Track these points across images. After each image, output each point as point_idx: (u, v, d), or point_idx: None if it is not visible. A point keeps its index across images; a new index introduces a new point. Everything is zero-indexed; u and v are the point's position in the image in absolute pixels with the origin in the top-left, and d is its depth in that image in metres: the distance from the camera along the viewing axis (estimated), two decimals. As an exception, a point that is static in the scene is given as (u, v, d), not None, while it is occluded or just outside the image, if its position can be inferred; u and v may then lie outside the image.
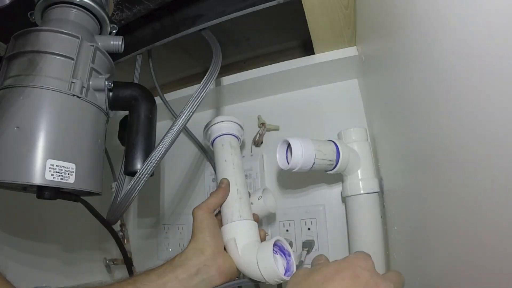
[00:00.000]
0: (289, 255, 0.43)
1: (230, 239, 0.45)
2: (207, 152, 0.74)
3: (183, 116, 0.45)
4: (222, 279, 0.41)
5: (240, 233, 0.45)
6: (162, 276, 0.38)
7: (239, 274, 0.45)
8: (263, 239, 0.48)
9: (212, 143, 0.58)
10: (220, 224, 0.48)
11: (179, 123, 0.44)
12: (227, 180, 0.50)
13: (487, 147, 0.18)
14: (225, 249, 0.45)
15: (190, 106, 0.45)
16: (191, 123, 0.72)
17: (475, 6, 0.17)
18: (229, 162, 0.52)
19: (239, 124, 0.58)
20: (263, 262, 0.41)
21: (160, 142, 0.44)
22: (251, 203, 0.52)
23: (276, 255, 0.44)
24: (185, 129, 0.74)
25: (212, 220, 0.45)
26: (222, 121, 0.57)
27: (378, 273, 0.29)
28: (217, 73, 0.49)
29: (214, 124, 0.57)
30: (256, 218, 0.50)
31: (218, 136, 0.56)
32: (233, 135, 0.56)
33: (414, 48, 0.28)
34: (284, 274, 0.41)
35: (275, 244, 0.43)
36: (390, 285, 0.28)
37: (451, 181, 0.24)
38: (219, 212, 0.50)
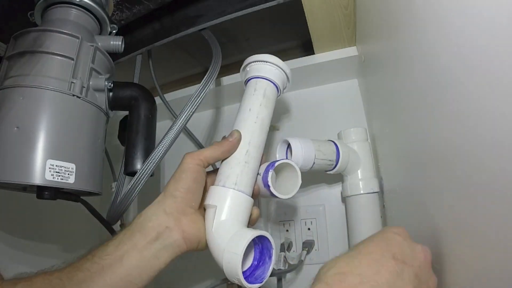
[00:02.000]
0: (269, 259, 0.35)
1: (211, 206, 0.37)
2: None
3: (183, 116, 0.45)
4: (188, 245, 0.35)
5: (224, 204, 0.36)
6: (121, 246, 0.33)
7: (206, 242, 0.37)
8: (253, 221, 0.40)
9: (246, 83, 0.46)
10: (212, 182, 0.39)
11: (179, 123, 0.44)
12: (239, 133, 0.39)
13: (487, 146, 0.18)
14: (203, 210, 0.38)
15: (190, 106, 0.45)
16: (191, 123, 0.72)
17: (474, 6, 0.17)
18: (253, 113, 0.41)
19: (285, 73, 0.46)
20: (229, 253, 0.33)
21: (160, 142, 0.44)
22: (258, 174, 0.41)
23: (253, 251, 0.36)
24: (185, 129, 0.74)
25: (197, 173, 0.36)
26: (265, 62, 0.44)
27: (411, 240, 0.28)
28: (217, 73, 0.49)
29: (254, 62, 0.45)
30: (256, 192, 0.41)
31: (253, 78, 0.44)
32: (273, 83, 0.44)
33: (414, 48, 0.28)
34: (246, 278, 0.33)
35: (259, 239, 0.35)
36: (426, 247, 0.27)
37: (451, 181, 0.24)
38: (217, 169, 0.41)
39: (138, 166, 0.45)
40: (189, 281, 0.74)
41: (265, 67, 0.44)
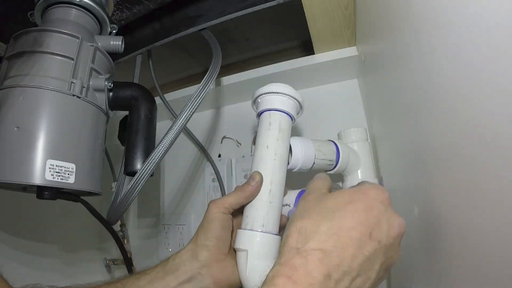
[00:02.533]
0: None
1: (242, 250, 0.37)
2: (207, 152, 0.74)
3: (183, 116, 0.45)
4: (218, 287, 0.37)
5: (255, 248, 0.37)
6: (152, 283, 0.35)
7: (238, 283, 0.38)
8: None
9: (258, 116, 0.46)
10: (238, 226, 0.40)
11: (179, 123, 0.44)
12: (260, 176, 0.39)
13: (487, 146, 0.18)
14: (233, 253, 0.39)
15: (190, 106, 0.45)
16: (191, 123, 0.72)
17: (474, 6, 0.17)
18: (270, 150, 0.41)
19: (298, 101, 0.45)
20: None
21: (160, 142, 0.44)
22: (287, 205, 0.42)
23: None
24: (185, 129, 0.74)
25: (224, 221, 0.38)
26: (277, 93, 0.43)
27: (392, 208, 0.27)
28: (217, 73, 0.49)
29: (265, 94, 0.44)
30: (283, 224, 0.41)
31: (266, 111, 0.44)
32: (287, 114, 0.43)
33: (414, 48, 0.28)
34: None
35: None
36: (403, 222, 0.26)
37: (452, 181, 0.24)
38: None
39: (138, 166, 0.45)
40: None
41: (278, 99, 0.43)
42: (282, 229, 0.41)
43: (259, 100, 0.45)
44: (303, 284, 0.22)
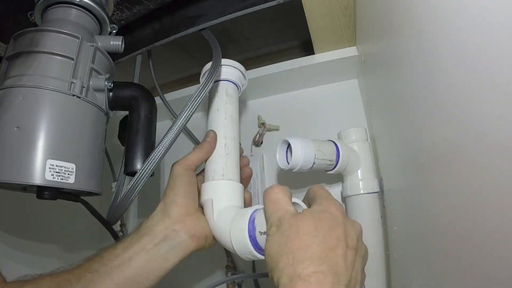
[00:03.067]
0: None
1: (207, 200, 0.40)
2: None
3: (183, 116, 0.45)
4: (195, 242, 0.37)
5: (219, 194, 0.40)
6: (128, 248, 0.35)
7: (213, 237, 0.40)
8: (247, 203, 0.43)
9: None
10: (202, 182, 0.43)
11: (179, 123, 0.44)
12: (214, 132, 0.44)
13: (487, 146, 0.18)
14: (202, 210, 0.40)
15: (190, 106, 0.45)
16: (191, 123, 0.72)
17: (474, 6, 0.17)
18: (221, 112, 0.46)
19: (240, 70, 0.51)
20: (236, 232, 0.36)
21: (160, 142, 0.44)
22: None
23: None
24: (185, 129, 0.74)
25: (189, 177, 0.40)
26: (222, 65, 0.49)
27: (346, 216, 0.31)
28: (217, 71, 0.49)
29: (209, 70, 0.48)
30: (246, 177, 0.45)
31: (214, 82, 0.48)
32: (231, 82, 0.49)
33: (414, 48, 0.28)
34: (257, 251, 0.35)
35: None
36: (359, 224, 0.31)
37: (452, 181, 0.24)
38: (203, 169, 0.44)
39: (138, 166, 0.45)
40: (189, 281, 0.74)
41: (223, 70, 0.49)
42: (247, 205, 0.43)
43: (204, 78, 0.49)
44: None
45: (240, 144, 0.46)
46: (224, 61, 0.49)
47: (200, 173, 0.45)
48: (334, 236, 0.28)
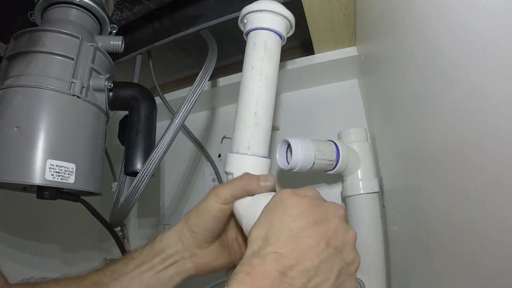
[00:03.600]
0: None
1: (228, 173, 0.37)
2: (205, 150, 0.74)
3: (180, 115, 0.45)
4: (199, 272, 0.39)
5: (240, 171, 0.36)
6: (140, 267, 0.37)
7: (225, 267, 0.40)
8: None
9: (246, 36, 0.43)
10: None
11: (176, 122, 0.44)
12: (273, 177, 0.37)
13: (487, 146, 0.18)
14: (219, 240, 0.39)
15: (186, 105, 0.45)
16: (191, 124, 0.72)
17: (475, 6, 0.17)
18: (255, 71, 0.39)
19: (286, 18, 0.41)
20: (249, 218, 0.32)
21: (158, 143, 0.44)
22: None
23: None
24: (185, 129, 0.74)
25: (220, 212, 0.36)
26: (262, 10, 0.40)
27: (346, 223, 0.31)
28: (212, 68, 0.49)
29: (249, 13, 0.41)
30: None
31: (251, 30, 0.41)
32: (274, 31, 0.41)
33: (414, 48, 0.28)
34: None
35: None
36: (355, 233, 0.30)
37: (451, 181, 0.24)
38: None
39: (138, 166, 0.45)
40: (189, 281, 0.74)
41: (262, 16, 0.40)
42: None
43: (245, 21, 0.42)
44: (260, 278, 0.25)
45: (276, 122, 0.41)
46: (265, 5, 0.40)
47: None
48: (316, 230, 0.28)
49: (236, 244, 0.40)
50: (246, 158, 0.37)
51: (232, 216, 0.38)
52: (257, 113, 0.38)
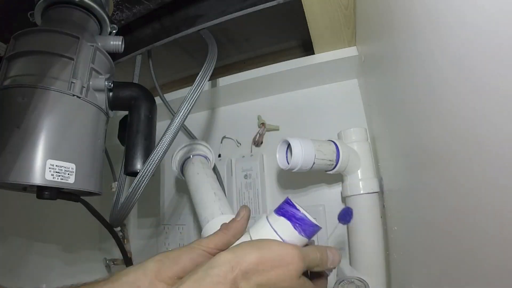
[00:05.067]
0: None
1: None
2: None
3: (180, 115, 0.45)
4: None
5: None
6: None
7: None
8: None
9: (182, 169, 0.60)
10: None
11: (176, 122, 0.44)
12: (247, 210, 0.36)
13: (487, 145, 0.18)
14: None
15: (187, 104, 0.45)
16: (191, 124, 0.72)
17: (474, 7, 0.17)
18: (201, 174, 0.53)
19: (206, 146, 0.61)
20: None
21: (158, 142, 0.44)
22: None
23: None
24: (185, 130, 0.74)
25: (199, 259, 0.33)
26: (186, 145, 0.60)
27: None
28: (212, 69, 0.49)
29: (179, 150, 0.60)
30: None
31: (186, 159, 0.59)
32: (201, 156, 0.59)
33: (414, 48, 0.28)
34: None
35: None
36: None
37: (451, 181, 0.24)
38: None
39: (138, 166, 0.45)
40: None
41: (189, 148, 0.60)
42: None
43: (177, 158, 0.61)
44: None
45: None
46: (190, 141, 0.60)
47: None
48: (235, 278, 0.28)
49: None
50: (224, 217, 0.44)
51: None
52: (216, 193, 0.50)
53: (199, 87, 0.46)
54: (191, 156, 0.59)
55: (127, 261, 0.61)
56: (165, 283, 0.32)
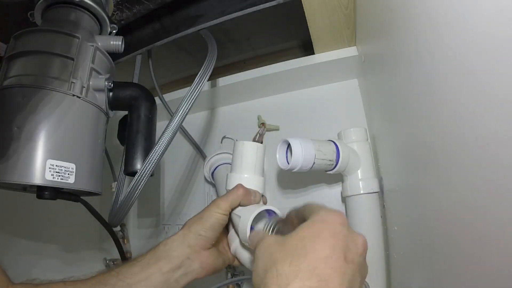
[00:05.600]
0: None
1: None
2: (202, 152, 0.75)
3: (179, 115, 0.45)
4: (205, 273, 0.41)
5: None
6: (146, 268, 0.38)
7: (223, 267, 0.44)
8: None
9: (213, 174, 0.66)
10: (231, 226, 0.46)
11: (175, 121, 0.44)
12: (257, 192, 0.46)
13: (487, 145, 0.18)
14: (217, 245, 0.44)
15: (185, 105, 0.45)
16: (190, 124, 0.72)
17: (474, 7, 0.17)
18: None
19: (230, 154, 0.65)
20: (243, 223, 0.40)
21: (157, 142, 0.44)
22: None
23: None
24: (182, 130, 0.74)
25: (222, 221, 0.42)
26: (215, 155, 0.67)
27: (351, 228, 0.29)
28: (212, 69, 0.49)
29: (210, 158, 0.68)
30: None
31: (217, 166, 0.66)
32: (227, 164, 0.64)
33: (414, 48, 0.28)
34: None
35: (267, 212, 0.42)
36: (365, 239, 0.28)
37: (451, 181, 0.24)
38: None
39: (138, 166, 0.45)
40: (189, 283, 0.74)
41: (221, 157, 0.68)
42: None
43: (210, 163, 0.69)
44: None
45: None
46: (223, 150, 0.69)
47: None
48: (326, 245, 0.25)
49: (227, 248, 0.46)
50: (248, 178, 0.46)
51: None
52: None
53: (198, 87, 0.46)
54: (217, 166, 0.66)
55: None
56: (206, 249, 0.41)
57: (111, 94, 0.46)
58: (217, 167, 0.65)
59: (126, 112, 0.49)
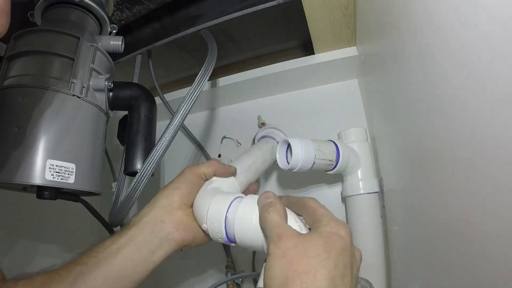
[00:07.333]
0: None
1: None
2: (204, 150, 0.75)
3: (179, 114, 0.45)
4: (182, 236, 0.35)
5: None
6: (117, 240, 0.34)
7: (205, 236, 0.37)
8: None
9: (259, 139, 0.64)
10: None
11: (175, 122, 0.44)
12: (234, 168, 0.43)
13: (487, 146, 0.18)
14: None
15: (186, 104, 0.45)
16: (190, 124, 0.72)
17: (474, 7, 0.17)
18: (256, 148, 0.54)
19: (278, 129, 0.64)
20: (213, 211, 0.34)
21: (158, 142, 0.44)
22: None
23: None
24: (185, 130, 0.74)
25: (195, 181, 0.39)
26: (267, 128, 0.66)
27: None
28: (212, 69, 0.49)
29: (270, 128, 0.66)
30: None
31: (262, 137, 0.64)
32: (269, 137, 0.62)
33: (414, 48, 0.28)
34: (228, 237, 0.34)
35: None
36: (361, 253, 0.29)
37: (451, 181, 0.24)
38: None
39: (138, 166, 0.45)
40: (189, 281, 0.74)
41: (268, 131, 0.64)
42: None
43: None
44: None
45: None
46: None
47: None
48: (343, 262, 0.26)
49: None
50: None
51: None
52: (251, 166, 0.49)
53: (199, 87, 0.46)
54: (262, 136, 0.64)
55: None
56: (181, 209, 0.37)
57: (111, 94, 0.46)
58: (264, 137, 0.63)
59: (126, 112, 0.49)
